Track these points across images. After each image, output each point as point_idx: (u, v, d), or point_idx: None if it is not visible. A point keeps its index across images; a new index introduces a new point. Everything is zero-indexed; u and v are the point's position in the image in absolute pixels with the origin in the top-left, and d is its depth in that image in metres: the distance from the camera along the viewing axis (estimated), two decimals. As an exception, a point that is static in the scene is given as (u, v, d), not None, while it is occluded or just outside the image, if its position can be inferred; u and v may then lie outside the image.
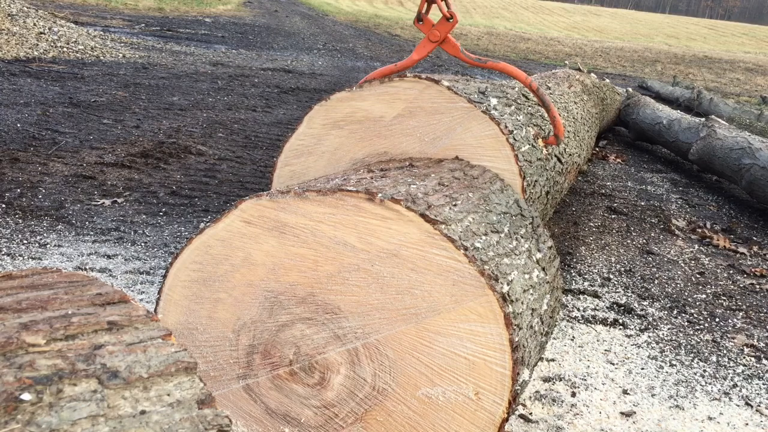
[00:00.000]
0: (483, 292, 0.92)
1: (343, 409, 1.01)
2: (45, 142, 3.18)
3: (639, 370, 1.73)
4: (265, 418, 1.03)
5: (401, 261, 0.94)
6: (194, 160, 3.19)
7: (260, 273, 0.99)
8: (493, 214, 1.11)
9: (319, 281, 0.98)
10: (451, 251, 0.92)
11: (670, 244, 2.76)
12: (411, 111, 1.55)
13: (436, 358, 0.95)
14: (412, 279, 0.94)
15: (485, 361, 0.94)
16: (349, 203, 0.95)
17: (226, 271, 1.01)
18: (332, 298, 0.98)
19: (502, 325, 0.92)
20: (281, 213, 0.97)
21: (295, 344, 1.01)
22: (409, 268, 0.94)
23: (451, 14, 1.88)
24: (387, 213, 0.94)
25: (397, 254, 0.93)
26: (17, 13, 6.24)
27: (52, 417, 0.50)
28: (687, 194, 3.61)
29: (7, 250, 2.01)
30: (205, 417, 0.61)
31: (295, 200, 0.96)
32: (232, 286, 1.01)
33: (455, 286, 0.93)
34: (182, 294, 1.03)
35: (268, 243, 0.98)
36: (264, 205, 0.97)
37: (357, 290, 0.96)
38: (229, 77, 5.77)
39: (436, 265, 0.93)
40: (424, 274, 0.93)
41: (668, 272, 2.44)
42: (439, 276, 0.93)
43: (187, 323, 1.04)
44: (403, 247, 0.93)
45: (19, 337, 0.56)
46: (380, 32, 13.37)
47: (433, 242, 0.93)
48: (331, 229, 0.96)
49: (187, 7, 13.18)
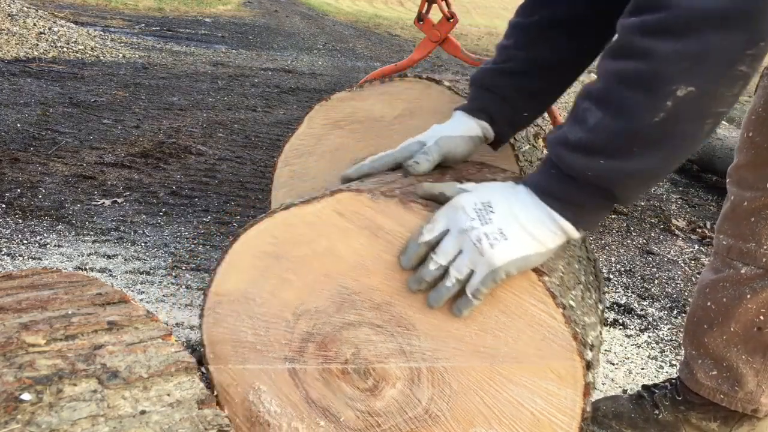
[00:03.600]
0: (571, 356, 0.87)
1: (388, 422, 0.97)
2: (45, 142, 3.18)
3: (639, 370, 1.73)
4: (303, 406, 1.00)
5: (493, 300, 0.89)
6: (194, 160, 3.19)
7: (341, 267, 0.95)
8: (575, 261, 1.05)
9: (400, 293, 0.93)
10: (550, 307, 0.87)
11: (670, 244, 2.77)
12: (411, 111, 1.55)
13: (500, 403, 0.91)
14: (500, 321, 0.89)
15: (551, 422, 0.89)
16: None
17: (304, 255, 0.96)
18: (410, 314, 0.93)
19: (580, 393, 0.87)
20: (379, 215, 0.91)
21: (356, 345, 0.96)
22: (500, 310, 0.89)
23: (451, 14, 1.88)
24: None
25: (493, 293, 0.88)
26: (17, 13, 6.24)
27: (52, 417, 0.50)
28: (687, 194, 3.61)
29: (7, 250, 2.01)
30: (205, 417, 0.61)
31: (397, 207, 0.91)
32: (306, 272, 0.96)
33: (543, 341, 0.88)
34: (250, 263, 0.98)
35: (358, 241, 0.93)
36: (363, 203, 0.92)
37: (438, 314, 0.91)
38: (229, 77, 5.77)
39: (529, 315, 0.88)
40: (514, 320, 0.89)
41: (668, 272, 2.44)
42: (530, 327, 0.88)
43: (246, 292, 0.99)
44: (500, 289, 0.88)
45: (19, 337, 0.56)
46: (380, 32, 13.38)
47: (533, 292, 0.87)
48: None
49: (187, 7, 13.18)
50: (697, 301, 1.32)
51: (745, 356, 1.25)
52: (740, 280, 1.24)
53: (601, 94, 0.81)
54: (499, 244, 0.84)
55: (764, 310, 1.22)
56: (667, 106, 0.75)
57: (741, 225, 1.24)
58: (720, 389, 1.28)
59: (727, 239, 1.27)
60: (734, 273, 1.25)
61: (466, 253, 0.86)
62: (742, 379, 1.26)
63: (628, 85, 0.78)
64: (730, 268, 1.26)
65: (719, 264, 1.29)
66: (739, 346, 1.25)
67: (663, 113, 0.75)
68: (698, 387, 1.30)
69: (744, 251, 1.24)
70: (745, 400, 1.27)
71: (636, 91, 0.77)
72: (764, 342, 1.23)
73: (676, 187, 3.74)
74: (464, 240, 0.86)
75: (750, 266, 1.23)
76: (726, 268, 1.27)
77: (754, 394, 1.26)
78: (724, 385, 1.27)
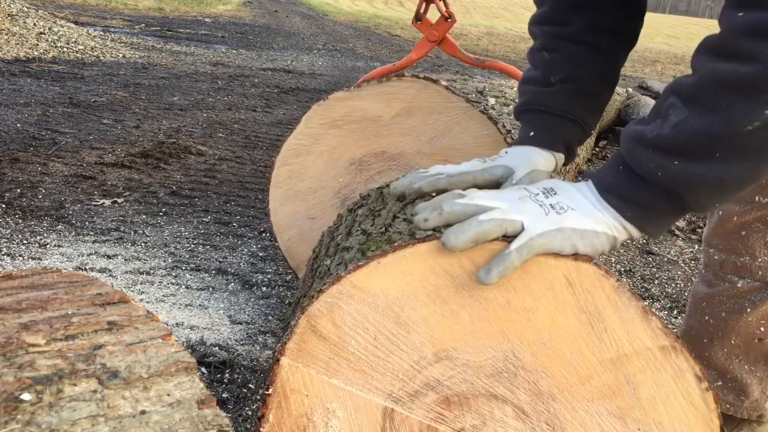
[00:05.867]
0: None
1: None
2: (45, 142, 3.18)
3: (638, 369, 1.73)
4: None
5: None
6: (194, 160, 3.19)
7: (527, 334, 0.80)
8: None
9: (572, 394, 0.81)
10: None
11: (670, 244, 2.77)
12: (409, 110, 1.55)
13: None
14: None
15: None
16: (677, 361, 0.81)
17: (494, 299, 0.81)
18: (568, 417, 0.80)
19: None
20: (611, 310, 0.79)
21: (483, 419, 0.81)
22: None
23: (449, 14, 1.88)
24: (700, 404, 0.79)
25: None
26: (17, 13, 6.25)
27: (52, 417, 0.51)
28: (686, 194, 3.61)
29: (7, 250, 2.01)
30: (205, 417, 0.61)
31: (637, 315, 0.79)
32: (485, 317, 0.81)
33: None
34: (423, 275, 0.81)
35: (568, 321, 0.80)
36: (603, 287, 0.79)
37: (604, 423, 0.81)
38: (229, 77, 5.77)
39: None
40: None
41: (668, 272, 2.44)
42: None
43: (394, 301, 0.83)
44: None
45: (19, 337, 0.56)
46: (380, 32, 13.37)
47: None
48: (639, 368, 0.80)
49: (187, 7, 13.17)
50: (693, 316, 1.31)
51: (747, 366, 1.24)
52: (738, 294, 1.23)
53: (693, 92, 0.74)
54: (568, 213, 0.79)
55: (764, 322, 1.21)
56: (764, 116, 0.69)
57: (732, 239, 1.23)
58: (726, 399, 1.27)
59: (719, 254, 1.26)
60: (730, 287, 1.23)
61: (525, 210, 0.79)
62: (746, 388, 1.25)
63: (726, 86, 0.71)
64: (725, 282, 1.24)
65: (712, 277, 1.27)
66: (740, 357, 1.24)
67: (758, 122, 0.69)
68: None
69: (738, 265, 1.22)
70: (751, 408, 1.27)
71: (734, 95, 0.70)
72: (765, 351, 1.23)
73: (676, 187, 3.74)
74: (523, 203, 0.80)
75: (746, 279, 1.22)
76: (720, 282, 1.25)
77: (758, 402, 1.26)
78: (729, 395, 1.27)
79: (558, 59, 1.06)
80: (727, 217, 1.24)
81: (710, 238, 1.28)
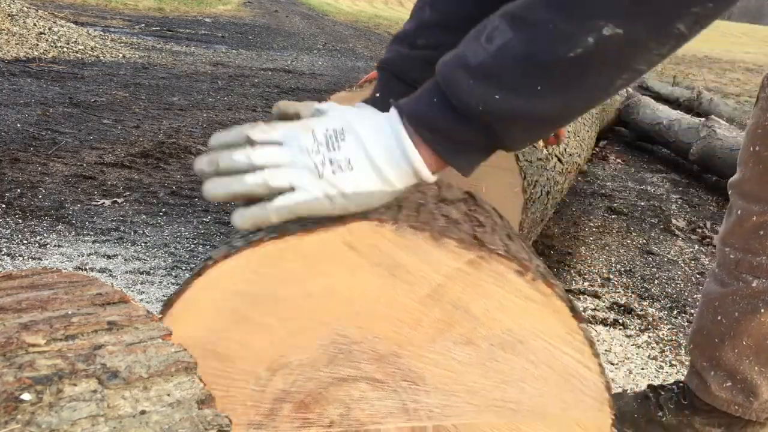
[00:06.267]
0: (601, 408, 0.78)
1: None
2: (45, 142, 3.18)
3: (639, 370, 1.73)
4: None
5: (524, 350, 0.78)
6: (194, 160, 3.19)
7: (340, 311, 0.78)
8: None
9: (412, 343, 0.79)
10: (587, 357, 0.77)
11: (670, 244, 2.77)
12: (411, 111, 1.55)
13: None
14: (527, 372, 0.78)
15: None
16: (492, 268, 0.77)
17: (294, 295, 0.77)
18: (420, 366, 0.79)
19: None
20: (402, 252, 0.76)
21: (346, 405, 0.80)
22: (529, 360, 0.78)
23: (451, 14, 1.87)
24: (534, 295, 0.77)
25: (523, 342, 0.77)
26: (17, 13, 6.24)
27: (52, 417, 0.50)
28: (687, 194, 3.61)
29: (7, 250, 2.01)
30: (205, 417, 0.61)
31: (427, 243, 0.76)
32: (293, 316, 0.78)
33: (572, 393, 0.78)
34: (216, 305, 0.77)
35: (369, 281, 0.77)
36: (383, 235, 0.76)
37: (455, 365, 0.79)
38: (229, 77, 5.77)
39: (562, 366, 0.78)
40: (543, 371, 0.78)
41: (668, 272, 2.44)
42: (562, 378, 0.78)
43: (206, 340, 0.77)
44: (533, 337, 0.77)
45: (19, 337, 0.56)
46: (380, 32, 13.37)
47: (570, 341, 0.77)
48: (459, 291, 0.77)
49: (187, 7, 13.17)
50: (705, 315, 1.31)
51: (758, 367, 1.24)
52: (752, 294, 1.22)
53: (520, 12, 0.68)
54: (343, 174, 0.72)
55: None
56: (587, 43, 0.64)
57: (749, 239, 1.22)
58: (735, 401, 1.27)
59: (735, 253, 1.25)
60: (744, 286, 1.23)
61: (298, 169, 0.72)
62: (756, 390, 1.25)
63: (550, 5, 0.65)
64: (739, 281, 1.24)
65: (725, 276, 1.27)
66: (751, 358, 1.24)
67: (580, 49, 0.64)
68: (712, 399, 1.29)
69: (754, 265, 1.22)
70: (760, 409, 1.26)
71: (558, 15, 0.65)
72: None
73: (676, 187, 3.74)
74: (302, 158, 0.73)
75: (761, 279, 1.21)
76: (734, 281, 1.25)
77: (767, 403, 1.26)
78: (739, 396, 1.26)
79: (436, 20, 0.95)
80: (746, 217, 1.23)
81: (726, 237, 1.28)
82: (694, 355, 1.34)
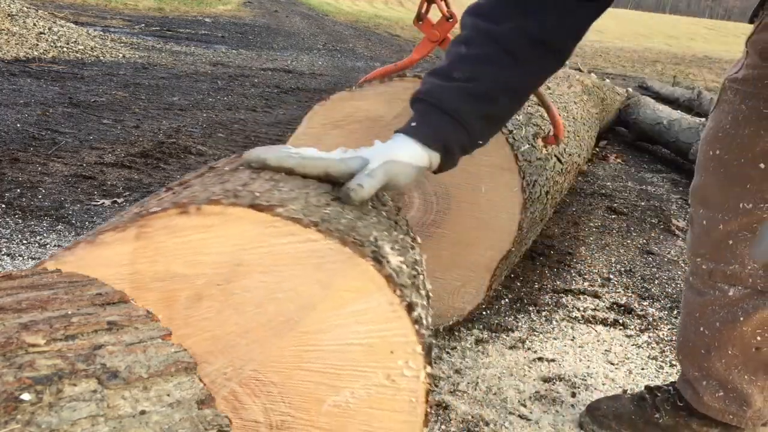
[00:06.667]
0: (353, 262, 0.76)
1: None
2: (45, 142, 3.18)
3: (639, 370, 1.73)
4: None
5: (247, 269, 0.76)
6: (194, 160, 3.19)
7: None
8: (329, 187, 0.93)
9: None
10: (301, 233, 0.75)
11: (670, 244, 2.77)
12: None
13: (328, 361, 0.78)
14: (268, 283, 0.76)
15: (383, 338, 0.78)
16: (158, 229, 0.75)
17: None
18: (189, 347, 0.77)
19: (385, 289, 0.77)
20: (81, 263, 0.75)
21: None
22: (260, 272, 0.76)
23: (450, 14, 1.88)
24: (208, 220, 0.75)
25: (240, 263, 0.76)
26: (17, 13, 6.24)
27: (52, 417, 0.50)
28: (687, 194, 3.61)
29: (7, 250, 2.01)
30: (205, 417, 0.61)
31: (88, 248, 0.74)
32: None
33: (319, 270, 0.76)
34: None
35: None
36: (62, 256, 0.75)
37: (208, 324, 0.77)
38: (229, 77, 5.77)
39: (288, 255, 0.76)
40: (278, 272, 0.76)
41: (668, 272, 2.44)
42: (297, 266, 0.76)
43: None
44: (242, 252, 0.76)
45: (19, 337, 0.56)
46: (380, 32, 13.38)
47: (275, 231, 0.75)
48: (149, 266, 0.75)
49: (187, 7, 13.18)
50: (687, 326, 1.30)
51: (747, 376, 1.23)
52: (730, 303, 1.21)
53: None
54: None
55: (760, 331, 1.20)
56: None
57: (720, 248, 1.20)
58: (728, 410, 1.26)
59: (707, 263, 1.23)
60: (721, 295, 1.22)
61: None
62: (749, 398, 1.24)
63: None
64: (715, 290, 1.23)
65: (701, 286, 1.26)
66: (739, 367, 1.23)
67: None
68: (706, 408, 1.29)
69: (728, 273, 1.20)
70: (754, 417, 1.26)
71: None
72: (765, 360, 1.22)
73: (676, 187, 3.74)
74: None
75: (737, 287, 1.20)
76: (710, 290, 1.24)
77: (761, 411, 1.25)
78: (732, 405, 1.26)
79: (471, 56, 0.99)
80: (712, 226, 1.21)
81: (696, 248, 1.26)
82: (685, 366, 1.33)
